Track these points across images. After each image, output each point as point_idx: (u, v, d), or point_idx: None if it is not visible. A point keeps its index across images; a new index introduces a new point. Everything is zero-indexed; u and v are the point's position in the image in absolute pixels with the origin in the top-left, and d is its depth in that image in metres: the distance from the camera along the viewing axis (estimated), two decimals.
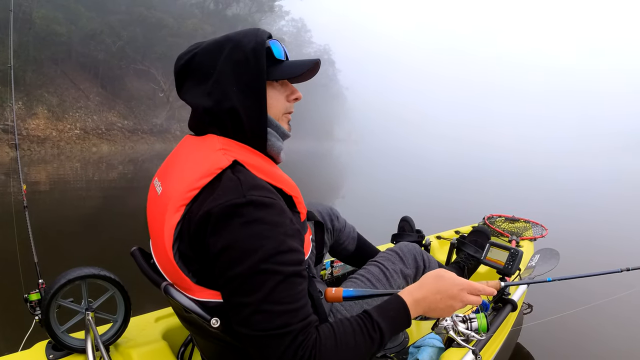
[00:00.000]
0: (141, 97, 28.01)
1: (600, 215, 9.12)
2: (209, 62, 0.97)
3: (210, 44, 0.99)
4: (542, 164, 33.53)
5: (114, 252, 4.14)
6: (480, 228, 2.19)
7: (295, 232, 0.89)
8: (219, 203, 0.83)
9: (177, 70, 1.02)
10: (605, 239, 6.36)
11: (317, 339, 0.84)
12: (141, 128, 25.92)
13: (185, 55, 1.00)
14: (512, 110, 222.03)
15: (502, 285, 1.15)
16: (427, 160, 29.98)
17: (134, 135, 24.85)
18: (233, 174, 0.88)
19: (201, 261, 0.88)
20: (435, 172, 19.14)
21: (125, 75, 27.11)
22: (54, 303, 1.20)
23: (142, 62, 27.26)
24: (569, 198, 12.10)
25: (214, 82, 0.96)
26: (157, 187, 1.01)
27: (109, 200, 7.87)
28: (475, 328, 1.16)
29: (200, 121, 1.00)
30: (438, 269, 1.04)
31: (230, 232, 0.82)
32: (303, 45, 67.87)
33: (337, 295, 1.09)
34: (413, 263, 1.59)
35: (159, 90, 28.42)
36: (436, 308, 0.97)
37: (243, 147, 0.97)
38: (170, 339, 1.44)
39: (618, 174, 28.21)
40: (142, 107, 27.54)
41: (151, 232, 1.02)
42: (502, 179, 17.31)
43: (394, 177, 16.38)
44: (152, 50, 27.06)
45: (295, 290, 0.84)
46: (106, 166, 14.16)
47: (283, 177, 0.97)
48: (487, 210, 3.14)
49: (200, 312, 0.89)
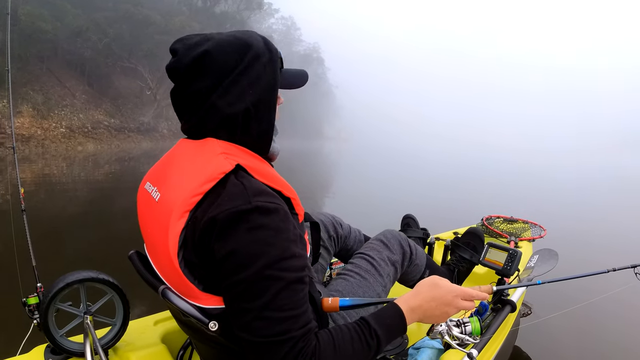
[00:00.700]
0: (128, 95, 27.86)
1: (599, 213, 9.28)
2: (225, 63, 0.94)
3: (224, 44, 0.95)
4: (541, 163, 33.83)
5: (102, 253, 4.14)
6: (474, 230, 2.20)
7: (297, 236, 0.90)
8: (225, 209, 0.83)
9: (183, 65, 0.94)
10: (603, 237, 6.45)
11: (316, 346, 0.85)
12: (128, 126, 25.78)
13: (192, 51, 0.94)
14: (512, 110, 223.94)
15: (494, 289, 1.18)
16: (424, 160, 29.95)
17: (121, 133, 24.72)
18: (237, 179, 0.88)
19: (207, 267, 0.88)
20: (433, 173, 19.13)
21: (112, 73, 26.96)
22: (52, 307, 1.20)
23: (129, 60, 27.11)
24: (568, 197, 12.27)
25: (231, 83, 0.94)
26: (152, 193, 0.99)
27: (97, 200, 7.81)
28: (469, 332, 1.20)
29: (202, 125, 0.97)
30: (433, 276, 1.06)
31: (235, 237, 0.83)
32: (292, 43, 68.12)
33: (334, 305, 1.11)
34: (399, 249, 1.62)
35: (146, 88, 28.29)
36: (431, 315, 1.00)
37: (242, 150, 0.97)
38: (169, 342, 1.44)
39: (615, 171, 28.54)
40: (129, 105, 27.40)
41: (148, 237, 1.01)
42: (501, 179, 17.34)
43: (389, 176, 16.37)
44: (139, 48, 26.91)
45: (297, 297, 0.85)
46: (92, 165, 14.06)
47: (281, 179, 0.98)
48: (486, 211, 3.17)
49: (198, 315, 0.90)
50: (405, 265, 1.66)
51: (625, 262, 1.70)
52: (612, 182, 19.76)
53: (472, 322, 1.23)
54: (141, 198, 1.05)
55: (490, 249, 1.95)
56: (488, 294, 1.11)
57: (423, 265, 1.75)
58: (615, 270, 1.63)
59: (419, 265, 1.73)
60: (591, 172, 26.79)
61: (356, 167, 20.89)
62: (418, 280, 1.67)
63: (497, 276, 1.90)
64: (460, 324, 1.22)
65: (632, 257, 1.81)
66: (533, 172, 22.55)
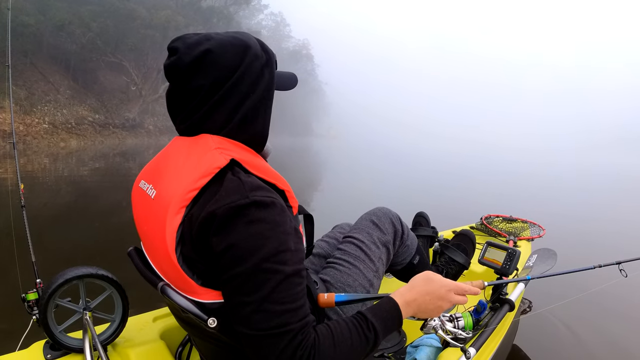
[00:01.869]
0: (113, 91, 27.49)
1: (598, 213, 9.38)
2: (227, 63, 0.97)
3: (225, 43, 0.98)
4: (539, 162, 34.00)
5: (87, 252, 4.14)
6: (465, 232, 2.21)
7: (293, 229, 0.92)
8: (223, 204, 0.85)
9: (184, 63, 0.95)
10: (603, 238, 6.55)
11: (315, 339, 0.87)
12: (113, 122, 25.45)
13: (194, 49, 0.95)
14: (511, 110, 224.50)
15: (486, 284, 1.22)
16: (422, 159, 30.06)
17: (105, 129, 24.41)
18: (233, 175, 0.91)
19: (206, 261, 0.90)
20: (432, 172, 19.14)
21: (97, 68, 26.59)
22: (51, 303, 1.21)
23: (114, 55, 26.75)
24: (567, 197, 12.39)
25: (233, 82, 0.97)
26: (148, 190, 1.00)
27: (82, 196, 7.76)
28: (461, 326, 1.26)
29: (202, 121, 0.99)
30: (427, 271, 1.10)
31: (234, 231, 0.84)
32: (282, 40, 68.08)
33: (330, 300, 1.15)
34: (390, 227, 1.60)
35: (132, 84, 27.99)
36: (426, 309, 1.04)
37: (236, 144, 0.99)
38: (168, 338, 1.45)
39: (612, 167, 28.69)
40: (115, 101, 27.05)
41: (144, 235, 1.02)
42: (500, 179, 17.44)
43: (385, 176, 16.35)
44: (124, 43, 26.60)
45: (295, 290, 0.87)
46: (76, 161, 13.90)
47: (274, 172, 1.00)
48: (485, 210, 3.23)
49: (197, 312, 0.91)
50: (397, 245, 1.63)
51: (618, 258, 1.75)
52: (610, 179, 19.95)
53: (465, 317, 1.29)
54: (136, 196, 1.06)
55: (489, 247, 1.98)
56: (480, 288, 1.15)
57: (414, 249, 1.72)
58: (601, 267, 1.69)
59: (410, 247, 1.70)
60: (591, 170, 26.99)
61: (349, 166, 20.80)
62: (407, 264, 1.71)
63: (496, 275, 1.92)
64: (453, 319, 1.28)
65: (632, 255, 1.86)
66: (532, 172, 22.72)
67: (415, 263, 1.72)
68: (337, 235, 1.77)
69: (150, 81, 28.43)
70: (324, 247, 1.72)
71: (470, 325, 1.30)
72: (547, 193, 12.88)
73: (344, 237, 1.59)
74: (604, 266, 1.69)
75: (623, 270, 1.67)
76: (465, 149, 60.13)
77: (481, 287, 1.16)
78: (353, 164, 21.51)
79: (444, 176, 17.08)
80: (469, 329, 1.29)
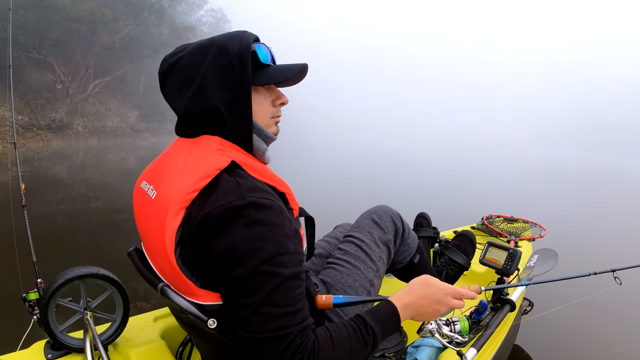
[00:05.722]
0: (40, 90, 24.58)
1: (598, 213, 9.39)
2: (192, 65, 0.99)
3: (196, 47, 1.01)
4: (539, 162, 33.95)
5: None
6: (465, 232, 2.23)
7: (293, 232, 0.93)
8: (219, 205, 0.86)
9: (161, 72, 1.04)
10: (604, 237, 6.58)
11: (315, 342, 0.88)
12: (37, 123, 22.99)
13: (171, 57, 1.03)
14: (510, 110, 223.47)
15: (482, 289, 1.23)
16: (422, 159, 29.95)
17: (28, 131, 22.04)
18: (230, 176, 0.92)
19: (205, 263, 0.91)
20: (431, 173, 19.14)
21: (21, 65, 24.40)
22: (52, 302, 1.23)
23: (38, 51, 24.71)
24: (568, 197, 12.39)
25: (198, 86, 0.98)
26: (149, 191, 1.02)
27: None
28: (458, 330, 1.29)
29: (188, 126, 1.03)
30: (425, 274, 1.11)
31: (231, 233, 0.85)
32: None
33: (327, 302, 1.16)
34: (391, 226, 1.60)
35: (58, 82, 26.35)
36: (424, 312, 1.05)
37: (236, 147, 1.01)
38: (169, 338, 1.47)
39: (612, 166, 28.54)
40: (40, 101, 23.95)
41: (145, 236, 1.04)
42: (500, 178, 17.42)
43: (382, 174, 16.40)
44: (47, 37, 24.36)
45: (294, 293, 0.88)
46: None
47: (275, 175, 1.02)
48: (486, 210, 3.26)
49: (197, 313, 0.93)
50: (397, 244, 1.63)
51: (627, 262, 1.78)
52: (613, 182, 19.96)
53: (461, 321, 1.32)
54: (137, 197, 1.08)
55: (490, 248, 1.99)
56: (477, 293, 1.16)
57: (414, 248, 1.72)
58: (597, 274, 1.71)
59: (410, 246, 1.71)
60: (593, 169, 26.96)
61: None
62: (408, 263, 1.72)
63: (497, 275, 1.95)
64: (450, 323, 1.31)
65: (633, 257, 1.89)
66: (532, 171, 22.66)
67: (416, 262, 1.73)
68: (338, 235, 1.78)
69: (78, 79, 25.88)
70: (325, 247, 1.73)
71: (467, 330, 1.33)
72: (549, 193, 12.87)
73: (344, 236, 1.59)
74: (599, 273, 1.72)
75: (617, 277, 1.70)
76: (470, 150, 59.86)
77: (477, 292, 1.18)
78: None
79: (444, 176, 17.06)
80: (465, 333, 1.32)
